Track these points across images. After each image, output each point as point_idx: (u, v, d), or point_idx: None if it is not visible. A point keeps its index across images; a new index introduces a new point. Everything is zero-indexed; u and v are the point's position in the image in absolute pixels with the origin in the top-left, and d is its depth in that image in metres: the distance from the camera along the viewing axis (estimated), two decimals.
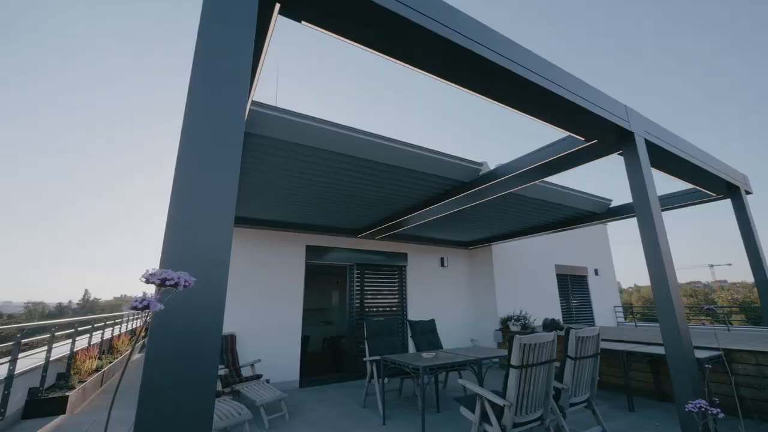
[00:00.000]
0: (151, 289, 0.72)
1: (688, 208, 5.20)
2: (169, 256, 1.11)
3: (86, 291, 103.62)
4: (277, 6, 1.69)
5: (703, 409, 1.32)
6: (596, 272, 11.99)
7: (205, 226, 1.19)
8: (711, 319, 14.25)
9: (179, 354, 1.06)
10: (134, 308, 0.65)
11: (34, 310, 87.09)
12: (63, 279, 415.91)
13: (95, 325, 7.58)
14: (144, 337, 13.60)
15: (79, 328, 6.40)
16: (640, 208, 2.93)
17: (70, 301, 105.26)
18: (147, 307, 0.65)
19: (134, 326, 12.54)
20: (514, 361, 2.98)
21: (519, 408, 2.99)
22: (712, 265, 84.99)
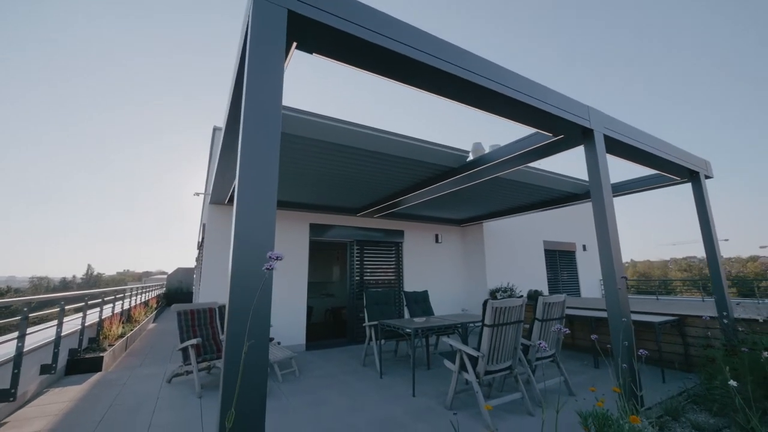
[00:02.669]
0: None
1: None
2: (240, 234, 1.67)
3: (89, 266, 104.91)
4: (295, 44, 2.19)
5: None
6: (584, 248, 12.65)
7: (259, 206, 1.74)
8: (702, 291, 15.11)
9: (248, 307, 1.64)
10: (271, 257, 1.22)
11: (40, 285, 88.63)
12: (64, 254, 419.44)
13: (117, 296, 8.26)
14: (156, 309, 14.42)
15: (105, 299, 7.06)
16: (595, 195, 3.47)
17: (74, 276, 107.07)
18: (280, 258, 1.22)
19: (147, 298, 13.32)
20: (487, 320, 3.60)
21: (491, 359, 3.64)
22: None
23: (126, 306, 9.34)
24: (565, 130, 3.55)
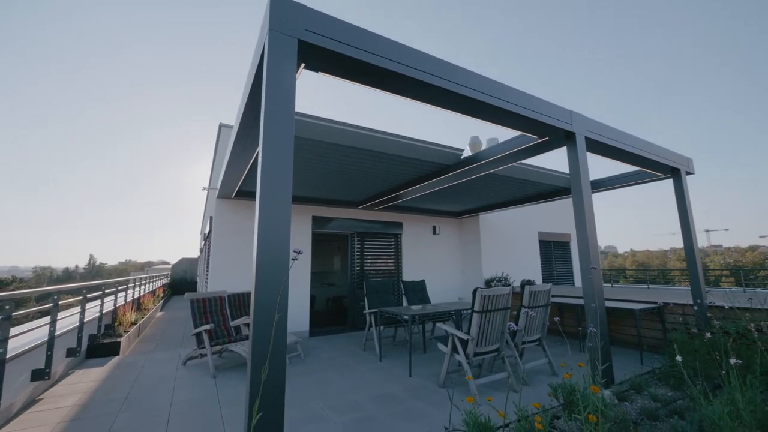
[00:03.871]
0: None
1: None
2: (262, 230, 1.99)
3: (91, 256, 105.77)
4: (303, 65, 2.50)
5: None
6: None
7: (276, 205, 2.05)
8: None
9: (269, 292, 1.98)
10: (294, 251, 1.56)
11: (43, 275, 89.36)
12: (65, 244, 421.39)
13: (129, 286, 8.66)
14: (163, 298, 14.85)
15: (118, 288, 7.45)
16: (575, 192, 3.79)
17: (76, 266, 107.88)
18: (300, 252, 1.56)
19: (154, 288, 13.73)
20: (476, 307, 3.96)
21: (479, 342, 4.01)
22: (708, 230, 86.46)
23: (136, 295, 9.74)
24: (549, 133, 3.86)
